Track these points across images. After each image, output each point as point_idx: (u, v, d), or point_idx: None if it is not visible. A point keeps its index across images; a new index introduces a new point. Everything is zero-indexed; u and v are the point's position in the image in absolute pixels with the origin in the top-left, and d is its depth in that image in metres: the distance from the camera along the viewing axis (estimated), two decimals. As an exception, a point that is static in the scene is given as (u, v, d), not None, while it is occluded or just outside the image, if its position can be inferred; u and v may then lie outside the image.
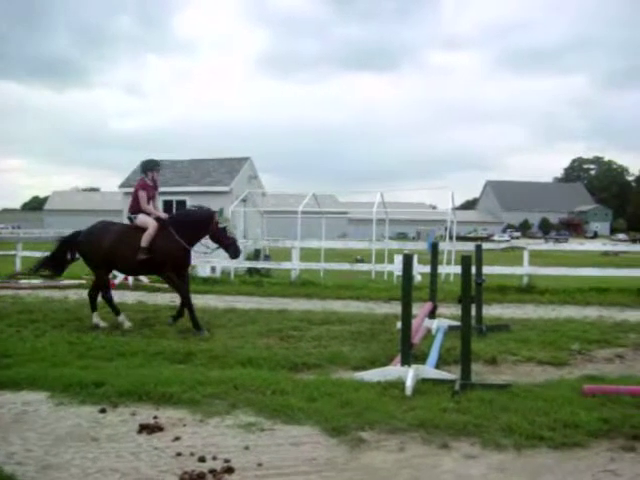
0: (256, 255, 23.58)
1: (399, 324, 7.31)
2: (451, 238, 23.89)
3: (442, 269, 17.73)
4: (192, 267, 19.06)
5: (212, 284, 17.18)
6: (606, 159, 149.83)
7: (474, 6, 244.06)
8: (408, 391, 6.21)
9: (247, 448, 4.87)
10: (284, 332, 9.81)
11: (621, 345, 9.27)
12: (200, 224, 10.27)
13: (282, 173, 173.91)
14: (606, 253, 37.04)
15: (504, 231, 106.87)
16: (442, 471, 4.54)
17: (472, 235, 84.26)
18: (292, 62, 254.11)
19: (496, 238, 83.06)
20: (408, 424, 5.35)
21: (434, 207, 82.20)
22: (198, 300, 13.50)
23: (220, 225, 10.28)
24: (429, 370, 6.87)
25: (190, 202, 25.31)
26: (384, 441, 5.06)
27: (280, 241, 21.82)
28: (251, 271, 20.22)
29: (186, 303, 10.18)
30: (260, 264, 20.72)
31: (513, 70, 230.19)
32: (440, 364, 7.56)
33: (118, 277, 17.82)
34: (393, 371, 6.71)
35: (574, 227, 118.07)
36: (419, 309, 9.37)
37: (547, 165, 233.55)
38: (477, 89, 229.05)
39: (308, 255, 23.13)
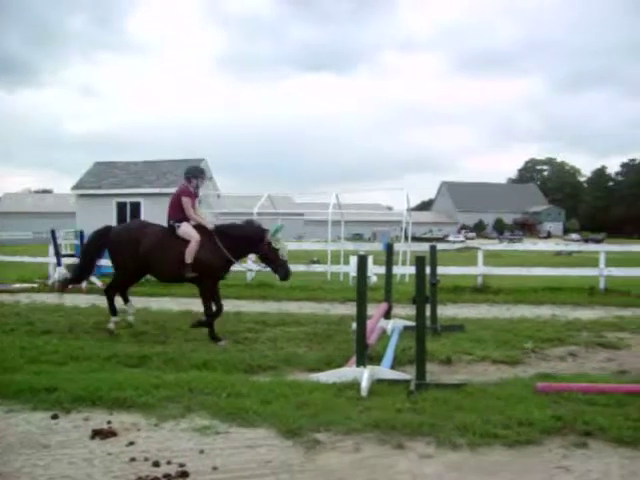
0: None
1: (354, 325, 7.33)
2: (406, 239, 24.00)
3: (397, 270, 17.81)
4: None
5: (167, 286, 17.00)
6: (559, 160, 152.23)
7: (430, 9, 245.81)
8: (363, 392, 6.21)
9: (202, 452, 4.82)
10: (239, 334, 9.79)
11: (574, 343, 9.44)
12: (249, 241, 9.89)
13: (238, 174, 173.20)
14: (559, 253, 37.61)
15: (459, 232, 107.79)
16: (398, 471, 4.54)
17: (427, 236, 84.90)
18: (249, 63, 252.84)
19: (451, 239, 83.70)
20: (364, 425, 5.34)
21: (390, 208, 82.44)
22: (154, 303, 13.43)
23: (273, 246, 9.83)
24: (384, 371, 6.90)
25: (145, 204, 25.06)
26: (340, 442, 5.05)
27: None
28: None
29: (208, 317, 9.74)
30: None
31: (469, 72, 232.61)
32: (395, 364, 7.61)
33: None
34: (348, 372, 6.72)
35: (528, 227, 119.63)
36: (375, 310, 9.41)
37: (501, 166, 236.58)
38: (434, 91, 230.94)
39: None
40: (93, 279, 17.73)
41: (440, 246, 17.02)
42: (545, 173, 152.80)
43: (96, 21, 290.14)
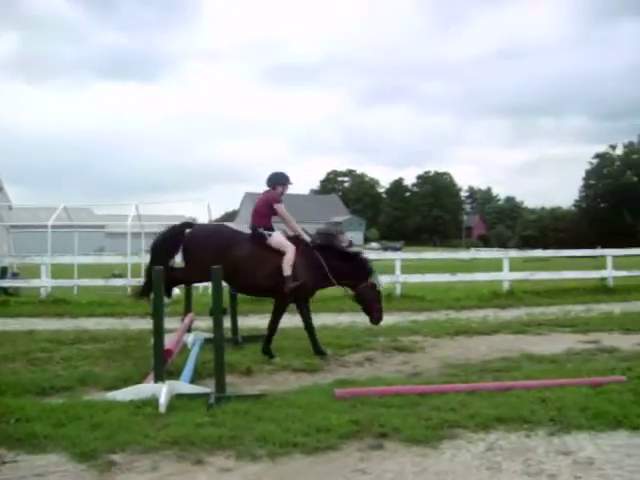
0: (2, 273, 22.10)
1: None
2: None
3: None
4: None
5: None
6: (359, 172, 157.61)
7: (236, 20, 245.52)
8: (162, 408, 6.09)
9: (-16, 485, 4.50)
10: (31, 354, 9.23)
11: (371, 349, 9.79)
12: (354, 275, 9.43)
13: (33, 185, 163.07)
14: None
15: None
16: (196, 487, 4.48)
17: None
18: (46, 67, 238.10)
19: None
20: (162, 442, 5.23)
21: (194, 219, 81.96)
22: None
23: (377, 288, 9.52)
24: (184, 385, 6.79)
25: None
26: (136, 462, 4.91)
27: (29, 257, 20.64)
28: (-3, 290, 18.89)
29: (272, 330, 9.27)
30: (6, 282, 19.45)
31: (274, 85, 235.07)
32: (196, 378, 7.52)
33: None
34: (146, 388, 6.55)
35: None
36: (175, 323, 9.26)
37: (305, 177, 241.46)
38: (239, 102, 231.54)
39: (64, 271, 22.06)
40: None
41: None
42: (346, 184, 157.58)
43: None
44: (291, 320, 13.07)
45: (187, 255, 9.02)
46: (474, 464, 4.90)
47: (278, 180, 9.68)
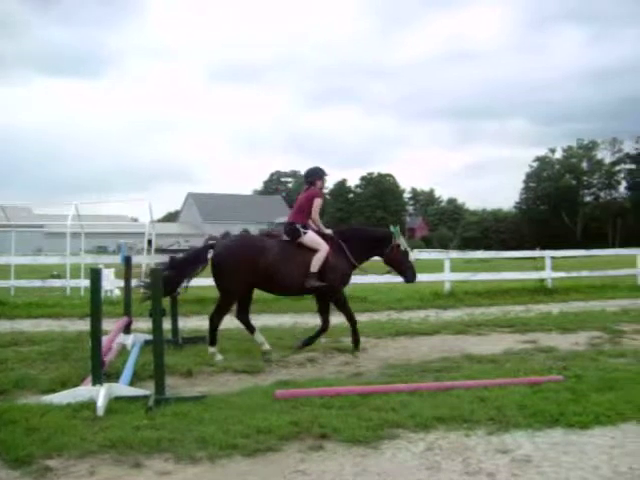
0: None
1: (92, 342, 7.04)
2: (150, 251, 23.56)
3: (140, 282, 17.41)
4: None
5: None
6: (303, 173, 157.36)
7: (179, 18, 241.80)
8: (100, 411, 5.97)
9: None
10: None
11: (313, 349, 9.75)
12: (379, 244, 9.92)
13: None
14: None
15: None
16: (133, 492, 4.41)
17: (174, 247, 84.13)
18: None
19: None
20: (99, 446, 5.14)
21: (135, 219, 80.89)
22: None
23: (402, 248, 9.90)
24: (122, 388, 6.68)
25: None
26: (72, 467, 4.80)
27: (-37, 258, 20.14)
28: None
29: (353, 323, 9.75)
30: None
31: (218, 84, 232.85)
32: (135, 380, 7.41)
33: None
34: (84, 391, 6.42)
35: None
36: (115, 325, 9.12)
37: (248, 178, 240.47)
38: (181, 101, 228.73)
39: (0, 272, 21.57)
40: None
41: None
42: (290, 185, 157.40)
43: None
44: (232, 321, 13.06)
45: (221, 274, 9.18)
46: (414, 464, 4.94)
47: (316, 174, 10.06)
